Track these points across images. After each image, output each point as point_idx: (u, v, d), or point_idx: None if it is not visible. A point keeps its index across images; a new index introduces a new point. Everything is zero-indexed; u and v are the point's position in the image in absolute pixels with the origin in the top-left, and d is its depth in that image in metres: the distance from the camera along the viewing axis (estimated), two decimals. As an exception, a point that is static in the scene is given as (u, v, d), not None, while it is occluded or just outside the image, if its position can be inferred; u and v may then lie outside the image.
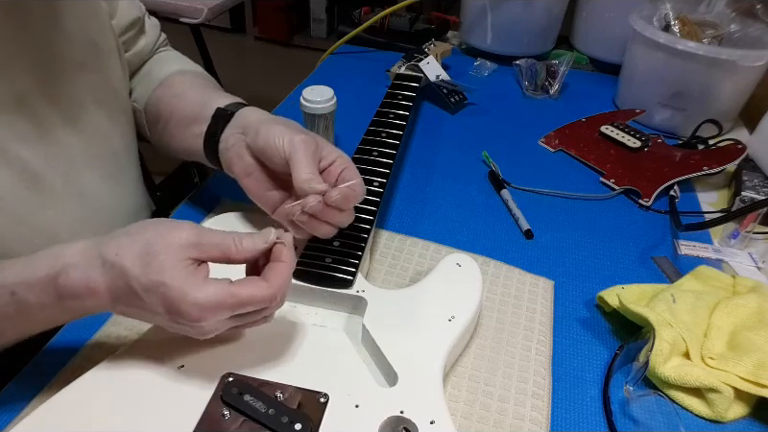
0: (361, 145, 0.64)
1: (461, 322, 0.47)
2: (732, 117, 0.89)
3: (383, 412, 0.40)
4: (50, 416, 0.38)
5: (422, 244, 0.62)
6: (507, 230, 0.67)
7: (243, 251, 0.40)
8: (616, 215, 0.71)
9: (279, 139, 0.49)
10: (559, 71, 0.97)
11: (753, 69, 0.82)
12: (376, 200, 0.57)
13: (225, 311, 0.38)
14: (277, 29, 2.99)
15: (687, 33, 0.88)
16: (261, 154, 0.51)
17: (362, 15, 1.13)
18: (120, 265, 0.37)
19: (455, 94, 0.93)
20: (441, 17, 1.17)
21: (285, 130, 0.50)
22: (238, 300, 0.38)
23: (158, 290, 0.37)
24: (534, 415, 0.46)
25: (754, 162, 0.77)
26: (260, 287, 0.38)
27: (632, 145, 0.81)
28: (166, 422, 0.38)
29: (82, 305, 0.39)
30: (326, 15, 2.94)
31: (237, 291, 0.38)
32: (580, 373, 0.50)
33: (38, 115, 0.52)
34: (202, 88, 0.63)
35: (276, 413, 0.38)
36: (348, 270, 0.50)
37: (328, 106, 0.73)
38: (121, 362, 0.42)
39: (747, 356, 0.48)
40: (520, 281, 0.58)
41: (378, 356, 0.44)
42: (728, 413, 0.47)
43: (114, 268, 0.38)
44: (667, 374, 0.47)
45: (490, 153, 0.78)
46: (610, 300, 0.54)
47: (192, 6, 1.68)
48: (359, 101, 0.86)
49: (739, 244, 0.66)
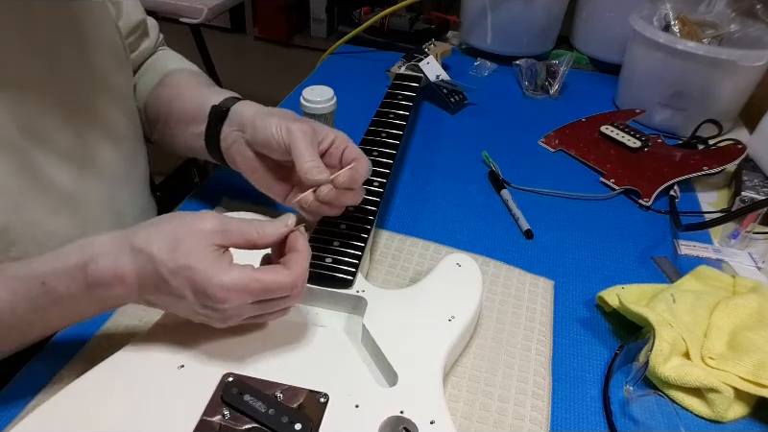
0: (361, 145, 0.64)
1: (461, 322, 0.47)
2: (732, 117, 0.89)
3: (383, 412, 0.40)
4: (50, 416, 0.38)
5: (422, 244, 0.62)
6: (507, 230, 0.67)
7: (265, 236, 0.41)
8: (616, 215, 0.71)
9: (277, 131, 0.50)
10: (559, 71, 0.97)
11: (753, 69, 0.82)
12: (376, 200, 0.57)
13: (249, 295, 0.39)
14: (277, 29, 2.99)
15: (687, 33, 0.88)
16: (262, 148, 0.52)
17: (362, 15, 1.13)
18: (148, 251, 0.39)
19: (455, 94, 0.93)
20: (441, 17, 1.17)
21: (281, 120, 0.50)
22: (262, 285, 0.39)
23: (185, 273, 0.38)
24: (534, 415, 0.46)
25: (754, 162, 0.77)
26: (282, 274, 0.40)
27: (632, 145, 0.81)
28: (166, 422, 0.38)
29: (109, 294, 0.40)
30: (326, 15, 2.94)
31: (261, 276, 0.39)
32: (580, 373, 0.50)
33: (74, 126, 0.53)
34: (197, 86, 0.63)
35: (275, 413, 0.38)
36: (348, 270, 0.50)
37: (328, 106, 0.73)
38: (121, 362, 0.42)
39: (747, 356, 0.48)
40: (520, 281, 0.58)
41: (378, 356, 0.44)
42: (728, 413, 0.47)
43: (142, 254, 0.39)
44: (667, 374, 0.47)
45: (490, 153, 0.78)
46: (610, 300, 0.54)
47: (192, 6, 1.68)
48: (359, 101, 0.86)
49: (739, 244, 0.66)
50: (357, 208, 0.56)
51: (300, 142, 0.49)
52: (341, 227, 0.54)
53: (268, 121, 0.51)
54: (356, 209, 0.56)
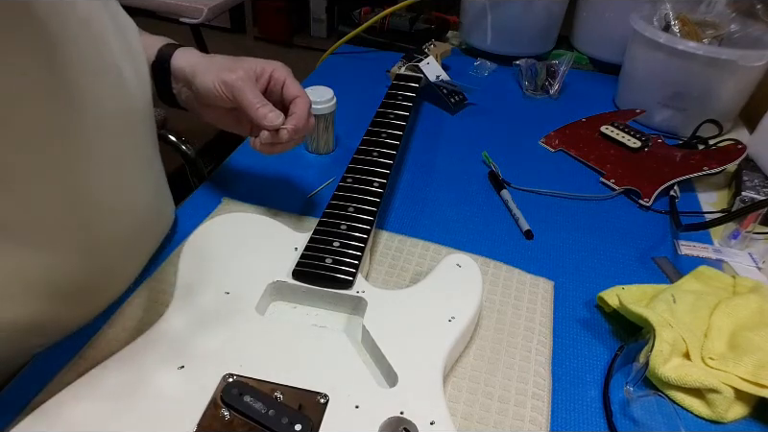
0: (361, 145, 0.64)
1: (461, 322, 0.47)
2: (732, 117, 0.89)
3: (383, 412, 0.40)
4: (50, 416, 0.38)
5: (422, 244, 0.62)
6: (507, 231, 0.67)
7: None
8: (616, 215, 0.71)
9: (218, 88, 0.52)
10: (559, 71, 0.97)
11: (753, 69, 0.82)
12: (376, 200, 0.57)
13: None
14: (277, 29, 2.99)
15: (687, 33, 0.88)
16: (211, 102, 0.54)
17: (362, 15, 1.13)
18: None
19: (455, 94, 0.93)
20: (441, 17, 1.17)
21: (218, 75, 0.52)
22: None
23: None
24: (534, 415, 0.45)
25: (754, 162, 0.77)
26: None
27: (632, 145, 0.81)
28: (166, 423, 0.38)
29: None
30: (326, 15, 2.94)
31: None
32: (580, 374, 0.50)
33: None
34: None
35: (276, 413, 0.38)
36: (348, 270, 0.50)
37: (328, 106, 0.73)
38: (121, 362, 0.42)
39: (747, 356, 0.48)
40: (520, 282, 0.58)
41: (378, 357, 0.44)
42: (728, 413, 0.47)
43: None
44: (667, 375, 0.47)
45: (490, 153, 0.78)
46: (610, 301, 0.54)
47: (192, 6, 1.68)
48: (359, 101, 0.86)
49: (739, 244, 0.66)
50: (357, 209, 0.56)
51: (244, 92, 0.51)
52: (341, 227, 0.54)
53: (205, 78, 0.52)
54: (356, 209, 0.56)
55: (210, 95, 0.53)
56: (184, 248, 0.52)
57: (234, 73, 0.52)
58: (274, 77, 0.54)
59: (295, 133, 0.53)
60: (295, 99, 0.54)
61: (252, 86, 0.52)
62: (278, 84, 0.54)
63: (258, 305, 0.48)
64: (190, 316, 0.46)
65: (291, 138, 0.53)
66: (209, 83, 0.52)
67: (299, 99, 0.54)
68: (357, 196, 0.57)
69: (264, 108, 0.52)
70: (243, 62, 0.54)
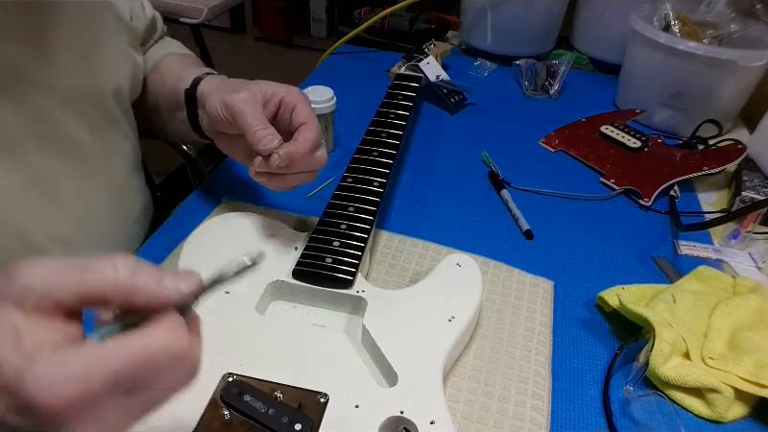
0: (361, 145, 0.64)
1: (461, 322, 0.47)
2: (731, 117, 0.89)
3: (383, 412, 0.40)
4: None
5: (422, 244, 0.62)
6: (507, 231, 0.67)
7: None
8: (616, 215, 0.71)
9: (218, 109, 0.47)
10: (559, 71, 0.97)
11: (753, 69, 0.82)
12: (376, 200, 0.57)
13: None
14: (277, 29, 2.99)
15: (687, 33, 0.88)
16: (217, 127, 0.50)
17: (362, 15, 1.13)
18: None
19: (455, 94, 0.93)
20: (441, 17, 1.17)
21: (219, 96, 0.48)
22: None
23: None
24: (534, 415, 0.45)
25: (754, 162, 0.77)
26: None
27: (632, 145, 0.81)
28: (166, 422, 0.38)
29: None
30: (326, 15, 2.94)
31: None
32: (580, 374, 0.50)
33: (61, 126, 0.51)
34: (179, 69, 0.61)
35: (276, 413, 0.38)
36: (348, 270, 0.50)
37: (328, 106, 0.73)
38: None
39: (747, 356, 0.48)
40: (520, 282, 0.58)
41: (378, 356, 0.44)
42: (728, 413, 0.47)
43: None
44: (667, 375, 0.47)
45: (490, 153, 0.78)
46: (610, 301, 0.54)
47: (192, 6, 1.68)
48: (359, 101, 0.86)
49: (739, 244, 0.66)
50: (357, 208, 0.56)
51: (244, 115, 0.46)
52: (341, 227, 0.54)
53: (211, 101, 0.49)
54: (356, 209, 0.56)
55: (213, 118, 0.49)
56: (184, 247, 0.52)
57: (237, 94, 0.47)
58: (284, 101, 0.48)
59: (288, 162, 0.46)
60: (301, 126, 0.48)
61: (255, 109, 0.46)
62: (288, 109, 0.48)
63: (258, 305, 0.48)
64: (190, 315, 0.46)
65: (286, 168, 0.46)
66: (213, 104, 0.48)
67: (304, 126, 0.47)
68: (357, 196, 0.57)
69: (262, 131, 0.45)
70: (251, 84, 0.49)
